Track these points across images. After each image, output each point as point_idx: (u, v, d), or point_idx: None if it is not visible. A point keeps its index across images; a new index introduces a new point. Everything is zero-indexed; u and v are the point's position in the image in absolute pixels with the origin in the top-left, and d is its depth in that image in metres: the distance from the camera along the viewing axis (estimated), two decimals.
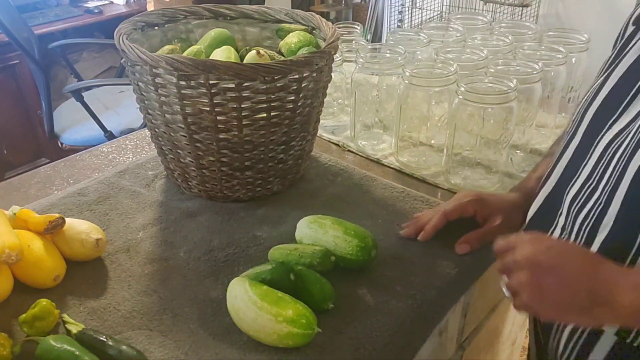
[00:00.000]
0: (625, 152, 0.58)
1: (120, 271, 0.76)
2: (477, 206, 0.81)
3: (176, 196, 0.93)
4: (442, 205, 0.85)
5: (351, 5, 3.68)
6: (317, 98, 0.88)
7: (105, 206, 0.89)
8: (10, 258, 0.65)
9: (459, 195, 0.84)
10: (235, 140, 0.82)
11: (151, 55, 0.75)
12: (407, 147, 1.04)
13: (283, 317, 0.62)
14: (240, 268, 0.76)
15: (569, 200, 0.66)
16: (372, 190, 0.94)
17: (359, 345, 0.64)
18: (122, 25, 0.88)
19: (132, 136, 1.14)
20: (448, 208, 0.82)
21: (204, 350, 0.64)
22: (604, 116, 0.64)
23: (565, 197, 0.67)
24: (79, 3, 2.82)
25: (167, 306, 0.70)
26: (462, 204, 0.82)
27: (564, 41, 1.09)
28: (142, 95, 0.85)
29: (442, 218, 0.81)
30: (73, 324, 0.65)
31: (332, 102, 1.20)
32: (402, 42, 1.12)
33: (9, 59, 2.40)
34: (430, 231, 0.81)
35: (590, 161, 0.63)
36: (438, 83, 0.93)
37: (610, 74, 0.65)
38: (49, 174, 1.01)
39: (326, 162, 1.03)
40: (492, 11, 2.61)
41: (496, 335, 1.17)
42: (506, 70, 0.96)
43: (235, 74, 0.74)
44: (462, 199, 0.82)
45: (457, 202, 0.82)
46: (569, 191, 0.66)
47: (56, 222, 0.74)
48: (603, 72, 0.68)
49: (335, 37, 0.85)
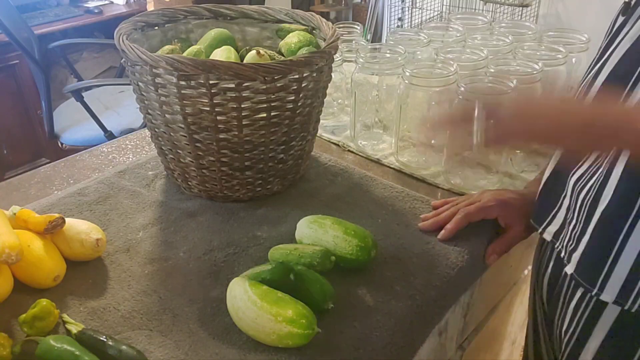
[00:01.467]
0: None
1: (120, 271, 0.76)
2: (500, 211, 0.81)
3: (176, 196, 0.93)
4: (462, 203, 0.84)
5: (351, 5, 3.69)
6: (317, 98, 0.88)
7: (105, 206, 0.89)
8: (10, 258, 0.65)
9: (483, 197, 0.83)
10: (235, 140, 0.82)
11: (151, 55, 0.75)
12: (407, 147, 1.04)
13: (283, 317, 0.62)
14: (240, 268, 0.76)
15: (573, 182, 0.69)
16: (372, 190, 0.94)
17: (358, 346, 0.64)
18: (122, 25, 0.88)
19: (132, 136, 1.14)
20: (471, 210, 0.81)
21: (204, 350, 0.64)
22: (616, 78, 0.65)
23: (569, 180, 0.70)
24: (79, 3, 2.82)
25: (167, 306, 0.70)
26: (485, 208, 0.81)
27: (564, 41, 1.09)
28: (142, 95, 0.85)
29: (464, 220, 0.81)
30: (73, 324, 0.65)
31: (332, 102, 1.20)
32: (402, 42, 1.12)
33: (9, 59, 2.41)
34: (452, 232, 0.80)
35: None
36: (438, 83, 0.93)
37: (605, 61, 0.66)
38: (49, 174, 1.01)
39: (326, 162, 1.03)
40: (492, 11, 2.61)
41: (496, 335, 1.18)
42: (506, 70, 0.96)
43: (235, 74, 0.74)
44: (487, 202, 0.82)
45: (481, 205, 0.82)
46: (573, 174, 0.69)
47: (56, 222, 0.74)
48: (597, 61, 0.69)
49: (335, 37, 0.85)
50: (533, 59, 1.00)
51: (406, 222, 0.86)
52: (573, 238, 0.68)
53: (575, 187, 0.69)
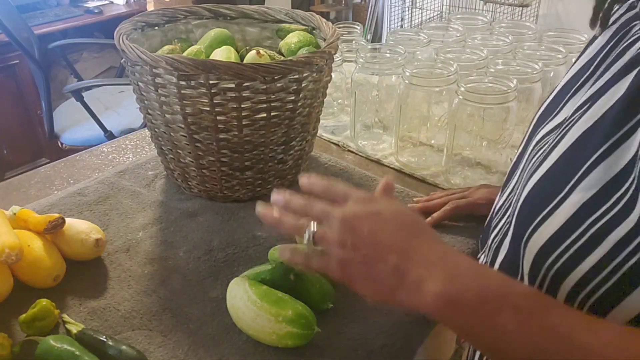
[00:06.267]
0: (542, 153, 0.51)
1: (120, 271, 0.76)
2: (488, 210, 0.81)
3: (176, 196, 0.93)
4: (455, 195, 0.86)
5: (351, 5, 3.69)
6: (317, 98, 0.88)
7: (105, 206, 0.89)
8: (10, 258, 0.65)
9: (476, 193, 0.84)
10: (235, 140, 0.82)
11: (151, 55, 0.75)
12: (407, 147, 1.04)
13: (282, 317, 0.62)
14: (240, 268, 0.76)
15: (498, 205, 0.62)
16: (372, 190, 0.94)
17: (357, 346, 0.64)
18: (122, 25, 0.88)
19: (132, 136, 1.14)
20: (460, 204, 0.83)
21: (203, 350, 0.64)
22: (544, 115, 0.57)
23: (498, 199, 0.64)
24: (79, 3, 2.82)
25: (167, 306, 0.70)
26: (475, 205, 0.83)
27: (564, 41, 1.09)
28: (142, 95, 0.85)
29: (451, 212, 0.83)
30: (73, 324, 0.65)
31: (332, 102, 1.20)
32: (402, 42, 1.12)
33: (9, 59, 2.41)
34: (437, 220, 0.84)
35: (521, 163, 0.58)
36: (438, 83, 0.93)
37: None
38: (49, 174, 1.01)
39: (326, 162, 1.03)
40: (492, 11, 2.61)
41: None
42: (506, 70, 0.96)
43: (235, 74, 0.74)
44: (477, 200, 0.83)
45: (472, 201, 0.83)
46: (502, 194, 0.61)
47: (56, 222, 0.74)
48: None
49: (335, 37, 0.85)
50: (533, 59, 1.00)
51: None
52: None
53: (492, 221, 0.62)
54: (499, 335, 0.43)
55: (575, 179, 0.44)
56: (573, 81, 0.54)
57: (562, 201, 0.45)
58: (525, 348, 0.41)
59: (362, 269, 0.49)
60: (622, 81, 0.44)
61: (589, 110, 0.47)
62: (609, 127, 0.43)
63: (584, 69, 0.53)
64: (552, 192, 0.46)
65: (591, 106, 0.47)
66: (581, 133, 0.46)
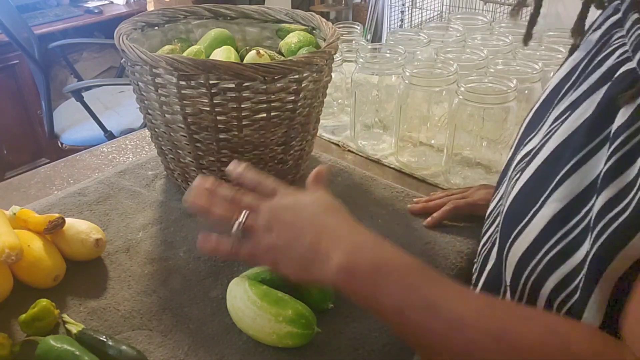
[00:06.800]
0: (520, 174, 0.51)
1: (120, 271, 0.76)
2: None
3: (176, 196, 0.93)
4: (455, 195, 0.87)
5: (351, 5, 3.68)
6: (317, 98, 0.88)
7: (105, 206, 0.89)
8: (10, 258, 0.65)
9: (476, 194, 0.85)
10: (235, 140, 0.82)
11: (151, 55, 0.75)
12: (407, 147, 1.04)
13: (283, 317, 0.62)
14: (240, 268, 0.76)
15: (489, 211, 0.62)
16: (372, 190, 0.94)
17: (358, 346, 0.64)
18: (122, 25, 0.88)
19: (132, 136, 1.14)
20: (460, 204, 0.84)
21: (203, 350, 0.64)
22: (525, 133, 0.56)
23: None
24: (79, 3, 2.82)
25: (167, 306, 0.70)
26: (474, 205, 0.83)
27: (564, 41, 1.09)
28: (142, 95, 0.85)
29: (451, 212, 0.84)
30: (73, 324, 0.65)
31: (332, 102, 1.20)
32: (402, 42, 1.12)
33: (9, 59, 2.41)
34: (437, 220, 0.84)
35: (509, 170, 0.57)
36: (438, 83, 0.93)
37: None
38: (49, 174, 1.01)
39: (326, 162, 1.03)
40: (492, 11, 2.61)
41: None
42: (506, 70, 0.96)
43: (235, 74, 0.74)
44: (477, 200, 0.83)
45: (471, 201, 0.84)
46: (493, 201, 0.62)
47: (56, 222, 0.74)
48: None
49: (335, 37, 0.85)
50: (533, 59, 1.00)
51: (406, 222, 0.86)
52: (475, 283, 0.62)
53: (483, 227, 0.61)
54: (389, 305, 0.45)
55: (549, 191, 0.44)
56: (560, 86, 0.54)
57: (536, 213, 0.45)
58: (409, 319, 0.44)
59: (284, 252, 0.52)
60: (597, 93, 0.44)
61: (566, 121, 0.47)
62: (582, 139, 0.44)
63: (570, 75, 0.53)
64: (529, 204, 0.46)
65: (568, 117, 0.47)
66: (558, 144, 0.46)
